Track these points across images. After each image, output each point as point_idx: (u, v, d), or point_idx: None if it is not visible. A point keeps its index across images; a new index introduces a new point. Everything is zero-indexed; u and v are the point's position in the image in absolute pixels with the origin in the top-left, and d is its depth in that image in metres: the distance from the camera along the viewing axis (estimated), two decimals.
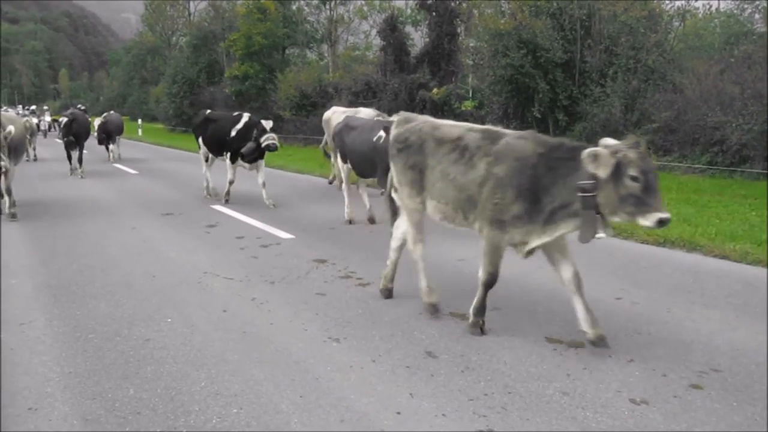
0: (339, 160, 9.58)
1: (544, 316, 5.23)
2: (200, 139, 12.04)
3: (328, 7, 38.19)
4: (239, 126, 11.02)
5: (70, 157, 16.55)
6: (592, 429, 3.43)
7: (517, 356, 4.41)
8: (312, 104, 30.66)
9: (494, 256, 4.69)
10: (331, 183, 14.00)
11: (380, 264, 6.95)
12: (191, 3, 56.20)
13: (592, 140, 18.26)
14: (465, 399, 3.77)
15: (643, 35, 17.45)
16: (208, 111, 12.64)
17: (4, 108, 36.00)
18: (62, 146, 17.16)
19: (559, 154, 4.36)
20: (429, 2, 25.99)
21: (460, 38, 25.91)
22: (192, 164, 20.21)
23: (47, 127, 35.59)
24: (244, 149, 10.74)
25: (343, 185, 9.77)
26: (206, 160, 12.29)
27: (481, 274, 4.77)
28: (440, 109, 23.55)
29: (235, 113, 11.77)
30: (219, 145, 11.47)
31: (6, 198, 10.10)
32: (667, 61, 17.47)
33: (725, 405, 3.68)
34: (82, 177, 16.09)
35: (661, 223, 4.02)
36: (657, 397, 3.78)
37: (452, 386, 3.94)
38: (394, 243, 5.70)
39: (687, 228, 8.38)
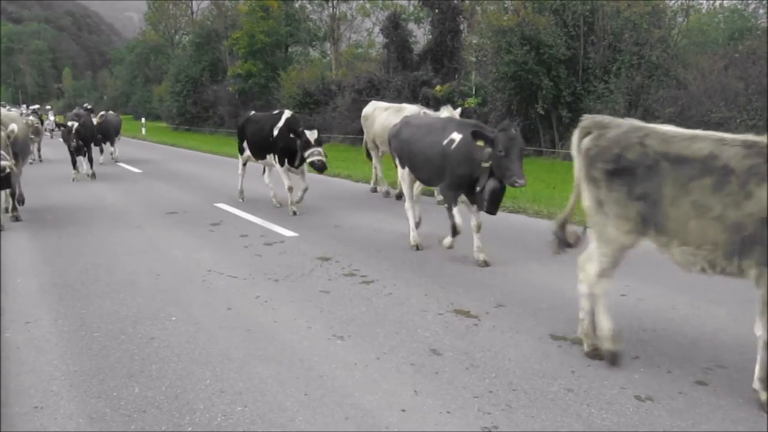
0: (398, 168, 7.94)
1: (548, 314, 5.22)
2: (244, 143, 11.20)
3: (330, 4, 38.17)
4: (280, 124, 9.99)
5: (75, 162, 15.47)
6: (597, 426, 3.43)
7: (522, 353, 4.41)
8: (315, 102, 30.72)
9: None
10: (374, 191, 12.66)
11: (384, 262, 6.98)
12: (194, 1, 56.31)
13: None
14: (470, 396, 3.77)
15: (647, 31, 17.41)
16: (252, 113, 11.65)
17: (7, 107, 35.85)
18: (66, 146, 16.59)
19: None
20: None
21: (463, 35, 25.90)
22: (195, 163, 20.26)
23: (53, 126, 35.16)
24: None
25: (406, 199, 7.91)
26: (244, 164, 11.59)
27: None
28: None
29: (275, 111, 10.86)
30: (261, 146, 10.55)
31: (10, 200, 9.85)
32: (671, 57, 17.44)
33: (731, 401, 3.67)
34: (92, 179, 15.52)
35: None
36: (662, 393, 3.77)
37: (457, 383, 3.94)
38: (586, 287, 4.40)
39: None
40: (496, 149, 6.08)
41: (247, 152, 11.16)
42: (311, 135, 9.48)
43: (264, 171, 11.40)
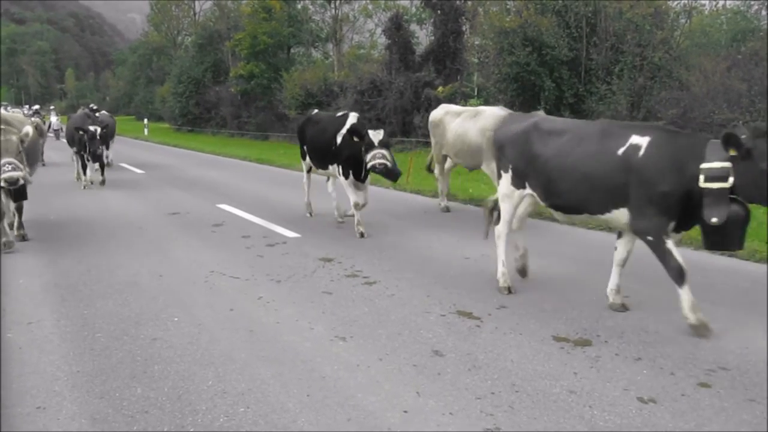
0: (503, 185, 5.89)
1: (550, 315, 5.21)
2: (304, 147, 9.77)
3: (333, 5, 38.20)
4: (344, 130, 8.48)
5: (85, 168, 14.19)
6: (599, 428, 3.42)
7: (524, 355, 4.40)
8: (317, 103, 30.68)
9: None
10: (447, 210, 10.47)
11: (386, 263, 6.98)
12: (196, 3, 56.47)
13: None
14: (472, 397, 3.76)
15: (649, 32, 17.42)
16: (315, 111, 10.23)
17: (9, 108, 35.14)
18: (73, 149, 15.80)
19: None
20: (434, 0, 25.97)
21: (466, 36, 25.90)
22: (197, 164, 20.26)
23: (58, 127, 34.53)
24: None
25: (499, 224, 6.00)
26: (308, 171, 10.00)
27: None
28: None
29: (340, 113, 9.36)
30: (322, 154, 9.09)
31: (16, 216, 8.36)
32: (674, 59, 17.44)
33: (733, 403, 3.66)
34: (102, 185, 14.45)
35: None
36: (665, 395, 3.76)
37: (459, 385, 3.94)
38: None
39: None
40: (763, 161, 4.38)
41: (308, 158, 9.78)
42: (375, 135, 8.07)
43: (328, 179, 9.98)
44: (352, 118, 8.69)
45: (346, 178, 8.65)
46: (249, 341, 4.74)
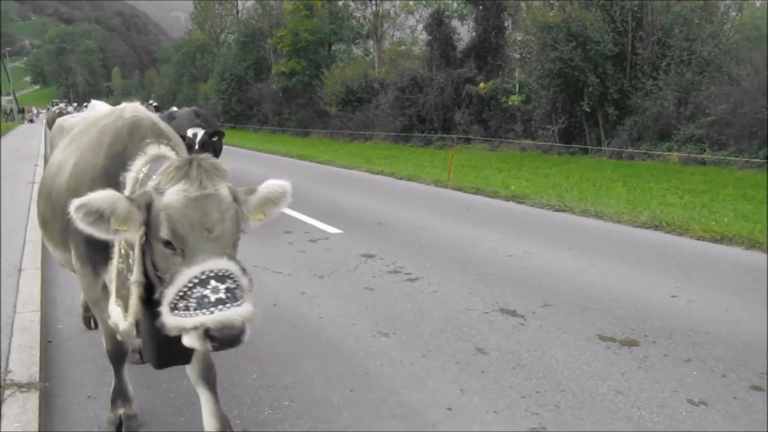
0: None
1: (596, 314, 5.13)
2: None
3: (373, 2, 38.26)
4: None
5: None
6: (648, 429, 3.35)
7: (570, 354, 4.34)
8: (358, 100, 30.90)
9: None
10: None
11: (428, 259, 6.96)
12: (239, 1, 57.09)
13: (644, 135, 17.73)
14: (517, 396, 3.73)
15: (698, 26, 17.02)
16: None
17: (64, 102, 33.05)
18: None
19: None
20: None
21: (508, 32, 25.69)
22: (239, 159, 20.48)
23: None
24: None
25: None
26: None
27: None
28: (487, 104, 23.39)
29: None
30: None
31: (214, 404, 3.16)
32: (723, 53, 17.01)
33: None
34: None
35: None
36: (716, 398, 3.67)
37: (503, 383, 3.90)
38: None
39: (745, 224, 8.11)
40: None
41: None
42: None
43: None
44: None
45: None
46: (292, 336, 4.77)
